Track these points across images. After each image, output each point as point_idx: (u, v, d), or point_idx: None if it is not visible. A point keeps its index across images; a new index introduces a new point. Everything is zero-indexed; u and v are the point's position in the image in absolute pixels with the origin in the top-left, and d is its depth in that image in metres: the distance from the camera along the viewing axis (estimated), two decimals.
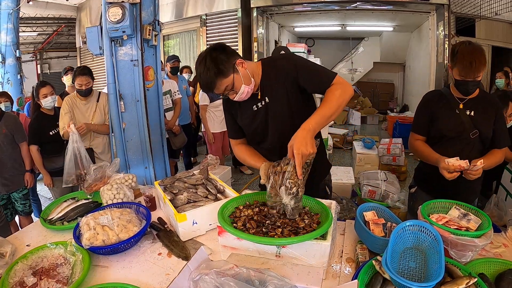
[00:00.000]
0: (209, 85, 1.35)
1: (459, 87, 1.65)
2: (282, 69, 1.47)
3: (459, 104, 1.71)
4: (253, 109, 1.52)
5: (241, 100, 1.44)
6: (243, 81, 1.38)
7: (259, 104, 1.51)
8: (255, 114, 1.53)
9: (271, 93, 1.49)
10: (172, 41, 7.63)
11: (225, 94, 1.41)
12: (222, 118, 4.18)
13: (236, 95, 1.41)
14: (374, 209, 1.46)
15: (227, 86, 1.36)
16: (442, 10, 5.60)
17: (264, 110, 1.51)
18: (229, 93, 1.40)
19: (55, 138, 2.74)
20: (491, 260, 1.20)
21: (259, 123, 1.54)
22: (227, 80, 1.35)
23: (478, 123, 1.67)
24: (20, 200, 2.77)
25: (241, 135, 1.66)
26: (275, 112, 1.50)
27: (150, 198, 1.80)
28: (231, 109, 1.60)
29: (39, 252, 1.33)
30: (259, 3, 6.33)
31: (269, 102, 1.49)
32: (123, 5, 2.31)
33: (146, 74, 2.57)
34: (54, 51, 10.55)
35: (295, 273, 1.14)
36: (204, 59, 1.33)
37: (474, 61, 1.54)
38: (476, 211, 1.35)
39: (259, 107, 1.51)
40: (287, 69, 1.46)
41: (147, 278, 1.23)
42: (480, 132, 1.67)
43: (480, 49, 1.58)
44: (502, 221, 2.73)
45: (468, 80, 1.58)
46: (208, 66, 1.31)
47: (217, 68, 1.32)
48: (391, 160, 4.43)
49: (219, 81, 1.34)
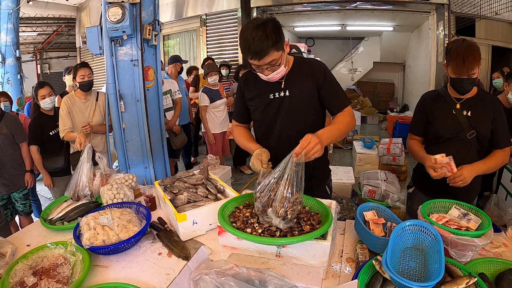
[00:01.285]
0: (261, 52, 1.30)
1: (455, 85, 1.64)
2: (312, 70, 1.50)
3: (456, 104, 1.69)
4: (269, 97, 1.53)
5: (270, 80, 1.43)
6: (284, 62, 1.39)
7: (277, 94, 1.52)
8: (270, 103, 1.53)
9: (295, 87, 1.50)
10: (172, 41, 7.63)
11: (259, 67, 1.37)
12: (222, 118, 4.19)
13: (271, 74, 1.39)
14: (374, 209, 1.46)
15: (273, 60, 1.35)
16: (442, 10, 5.60)
17: (279, 101, 1.52)
18: (268, 68, 1.37)
19: (55, 138, 2.74)
20: (491, 260, 1.20)
21: (270, 113, 1.54)
22: (277, 54, 1.35)
23: (475, 123, 1.65)
24: (20, 200, 2.77)
25: (244, 120, 1.67)
26: (291, 107, 1.51)
27: (150, 198, 1.80)
28: (246, 91, 1.60)
29: (39, 252, 1.33)
30: (259, 3, 6.33)
31: (289, 96, 1.50)
32: (123, 5, 2.31)
33: (146, 74, 2.57)
34: (54, 51, 10.56)
35: (295, 273, 1.14)
36: (264, 26, 1.29)
37: (468, 58, 1.52)
38: (476, 211, 1.35)
39: (275, 96, 1.52)
40: (317, 72, 1.49)
41: (147, 278, 1.23)
42: (477, 132, 1.65)
43: (473, 46, 1.56)
44: (502, 220, 2.73)
45: (463, 77, 1.57)
46: (268, 33, 1.29)
47: (276, 39, 1.31)
48: (391, 160, 4.42)
49: (271, 52, 1.32)
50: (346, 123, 1.45)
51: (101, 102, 2.79)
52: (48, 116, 2.76)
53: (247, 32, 1.31)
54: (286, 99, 1.51)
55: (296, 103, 1.51)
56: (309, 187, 1.51)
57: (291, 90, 1.51)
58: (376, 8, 6.17)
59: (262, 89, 1.54)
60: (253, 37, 1.28)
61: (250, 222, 1.25)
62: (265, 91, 1.54)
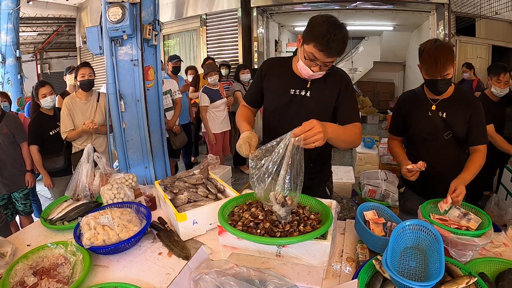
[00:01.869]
0: (342, 49, 1.33)
1: (429, 86, 1.63)
2: (338, 79, 1.52)
3: (432, 105, 1.68)
4: (290, 92, 1.53)
5: (308, 76, 1.43)
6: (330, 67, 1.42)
7: (298, 91, 1.52)
8: (289, 98, 1.53)
9: (317, 90, 1.51)
10: (172, 40, 7.63)
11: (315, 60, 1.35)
12: (222, 118, 4.18)
13: (318, 72, 1.39)
14: (374, 209, 1.46)
15: (332, 62, 1.38)
16: (442, 10, 5.60)
17: (299, 100, 1.52)
18: (322, 67, 1.37)
19: (55, 138, 2.74)
20: (491, 260, 1.20)
21: (286, 108, 1.54)
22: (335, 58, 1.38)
23: (451, 124, 1.65)
24: (20, 200, 2.77)
25: (253, 103, 1.66)
26: (308, 108, 1.51)
27: (150, 197, 1.80)
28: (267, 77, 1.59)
29: (39, 252, 1.33)
30: (259, 2, 6.33)
31: (309, 96, 1.51)
32: (123, 5, 2.31)
33: (146, 74, 2.57)
34: (54, 51, 10.56)
35: (295, 273, 1.14)
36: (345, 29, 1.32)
37: (440, 59, 1.50)
38: (476, 211, 1.35)
39: (296, 94, 1.52)
40: (342, 81, 1.51)
41: (147, 278, 1.23)
42: (453, 133, 1.65)
43: (446, 46, 1.55)
44: (503, 220, 2.73)
45: (437, 79, 1.55)
46: (346, 38, 1.32)
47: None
48: (391, 160, 4.42)
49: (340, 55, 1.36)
50: (353, 133, 1.46)
51: (102, 102, 2.79)
52: (48, 116, 2.76)
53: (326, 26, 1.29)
54: (306, 99, 1.52)
55: (314, 105, 1.51)
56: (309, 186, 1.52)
57: (313, 91, 1.51)
58: (376, 8, 6.18)
59: (285, 82, 1.54)
60: (335, 34, 1.27)
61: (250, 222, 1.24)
62: (287, 85, 1.53)
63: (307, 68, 1.39)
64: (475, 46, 5.92)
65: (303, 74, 1.44)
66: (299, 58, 1.41)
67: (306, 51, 1.35)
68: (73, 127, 2.67)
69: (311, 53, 1.33)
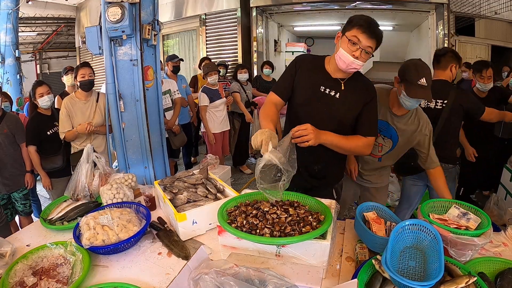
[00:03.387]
0: (380, 35, 1.42)
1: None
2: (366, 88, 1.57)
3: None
4: (320, 89, 1.55)
5: (350, 65, 1.44)
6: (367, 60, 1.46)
7: (328, 90, 1.54)
8: (318, 94, 1.55)
9: (346, 94, 1.53)
10: (171, 40, 7.62)
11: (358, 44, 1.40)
12: (222, 118, 4.18)
13: (359, 60, 1.42)
14: (374, 208, 1.46)
15: (372, 48, 1.42)
16: (442, 10, 5.60)
17: (328, 99, 1.54)
18: (363, 52, 1.41)
19: (53, 138, 2.74)
20: (491, 259, 1.21)
21: (312, 103, 1.56)
22: (376, 46, 1.43)
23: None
24: (20, 200, 2.77)
25: (282, 93, 1.64)
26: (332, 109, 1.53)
27: (150, 197, 1.80)
28: (300, 70, 1.60)
29: (39, 252, 1.33)
30: (259, 2, 6.32)
31: (338, 98, 1.53)
32: (123, 4, 2.30)
33: (145, 73, 2.56)
34: (54, 51, 10.54)
35: (295, 273, 1.14)
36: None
37: None
38: (476, 210, 1.35)
39: (326, 92, 1.54)
40: (369, 93, 1.56)
41: (147, 278, 1.23)
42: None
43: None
44: (502, 220, 2.74)
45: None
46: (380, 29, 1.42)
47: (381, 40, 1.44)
48: None
49: (377, 42, 1.42)
50: (354, 144, 1.53)
51: (102, 103, 2.79)
52: (45, 116, 2.76)
53: (365, 17, 1.42)
54: (334, 99, 1.54)
55: (340, 108, 1.54)
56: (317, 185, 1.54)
57: (343, 94, 1.53)
58: (375, 8, 6.17)
59: (316, 78, 1.56)
60: (374, 22, 1.41)
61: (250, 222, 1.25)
62: (318, 82, 1.55)
63: (348, 55, 1.42)
64: (475, 46, 5.91)
65: (342, 64, 1.45)
66: (339, 48, 1.45)
67: (349, 37, 1.41)
68: (71, 127, 2.67)
69: (354, 36, 1.40)
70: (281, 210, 1.29)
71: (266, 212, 1.28)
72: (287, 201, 1.36)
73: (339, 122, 1.55)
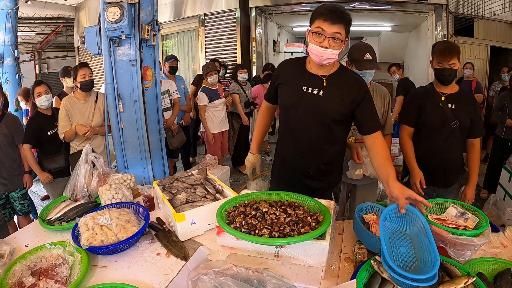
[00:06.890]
0: (345, 16, 1.39)
1: (438, 76, 1.91)
2: (354, 84, 1.52)
3: (441, 97, 1.94)
4: (302, 90, 1.53)
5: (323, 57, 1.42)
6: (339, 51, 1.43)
7: (310, 89, 1.52)
8: (299, 95, 1.53)
9: (331, 90, 1.50)
10: (170, 41, 7.62)
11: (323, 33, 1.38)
12: (221, 118, 4.18)
13: (328, 50, 1.39)
14: (372, 209, 1.46)
15: (339, 33, 1.38)
16: (441, 10, 5.61)
17: (310, 98, 1.52)
18: (330, 40, 1.38)
19: (54, 138, 2.74)
20: (490, 260, 1.21)
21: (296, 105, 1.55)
22: (343, 33, 1.40)
23: (458, 114, 1.90)
24: (18, 200, 2.77)
25: (270, 101, 1.73)
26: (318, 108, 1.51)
27: (148, 198, 1.80)
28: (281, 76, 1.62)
29: (37, 252, 1.33)
30: (258, 3, 6.33)
31: (322, 96, 1.50)
32: (122, 5, 2.30)
33: (144, 74, 2.56)
34: (53, 51, 10.53)
35: (293, 273, 1.14)
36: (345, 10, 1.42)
37: (448, 47, 1.86)
38: (473, 210, 1.36)
39: (309, 92, 1.52)
40: (359, 88, 1.51)
41: (145, 278, 1.23)
42: (460, 122, 1.90)
43: (454, 43, 1.93)
44: (501, 220, 2.74)
45: (444, 67, 1.84)
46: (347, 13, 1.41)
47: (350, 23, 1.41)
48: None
49: (343, 25, 1.38)
50: (387, 153, 1.47)
51: (101, 103, 2.78)
52: (45, 116, 2.76)
53: (326, 5, 1.42)
54: (318, 97, 1.51)
55: (326, 105, 1.50)
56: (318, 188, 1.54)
57: (327, 91, 1.50)
58: (374, 8, 6.18)
59: (296, 79, 1.55)
60: (337, 6, 1.40)
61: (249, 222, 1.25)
62: (299, 83, 1.54)
63: (317, 47, 1.40)
64: (474, 47, 5.93)
65: (316, 57, 1.44)
66: (309, 43, 1.44)
67: (313, 29, 1.41)
68: (70, 128, 2.66)
69: (317, 27, 1.39)
70: (280, 210, 1.29)
71: (265, 213, 1.28)
72: (286, 202, 1.36)
73: (325, 120, 1.52)
